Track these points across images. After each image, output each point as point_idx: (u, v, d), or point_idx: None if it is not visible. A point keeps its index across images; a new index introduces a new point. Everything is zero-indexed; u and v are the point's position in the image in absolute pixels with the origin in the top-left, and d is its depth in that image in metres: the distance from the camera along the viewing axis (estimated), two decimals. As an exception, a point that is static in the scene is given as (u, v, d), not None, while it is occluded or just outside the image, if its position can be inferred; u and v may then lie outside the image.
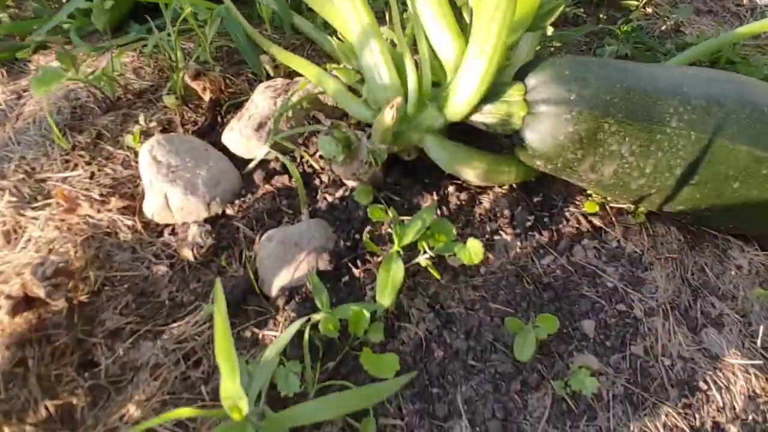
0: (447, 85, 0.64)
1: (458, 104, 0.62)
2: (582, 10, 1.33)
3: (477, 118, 0.64)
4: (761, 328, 0.70)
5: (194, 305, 0.63)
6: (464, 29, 0.68)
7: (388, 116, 0.59)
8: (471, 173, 0.67)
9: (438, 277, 0.64)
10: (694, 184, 0.65)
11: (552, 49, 1.10)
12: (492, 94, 0.63)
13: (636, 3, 1.32)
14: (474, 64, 0.59)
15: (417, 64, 0.68)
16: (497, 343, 0.61)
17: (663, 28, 1.36)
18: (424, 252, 0.62)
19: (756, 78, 1.09)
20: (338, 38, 0.72)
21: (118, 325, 0.60)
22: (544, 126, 0.62)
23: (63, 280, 0.60)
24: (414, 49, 0.71)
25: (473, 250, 0.60)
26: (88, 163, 0.78)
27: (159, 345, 0.59)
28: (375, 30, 0.65)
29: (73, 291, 0.61)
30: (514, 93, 0.63)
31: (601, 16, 1.33)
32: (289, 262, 0.62)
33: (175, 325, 0.61)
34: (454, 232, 0.63)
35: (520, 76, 0.66)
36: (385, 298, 0.58)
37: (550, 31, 1.03)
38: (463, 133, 0.74)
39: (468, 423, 0.55)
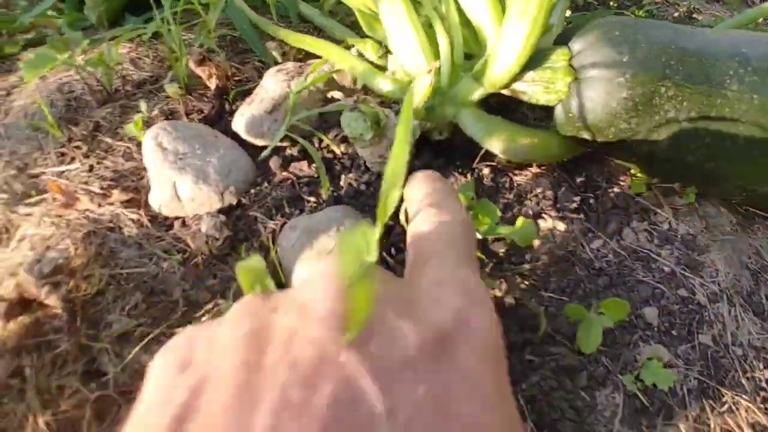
0: (484, 52, 0.58)
1: (499, 72, 0.56)
2: (594, -4, 1.29)
3: (518, 87, 0.58)
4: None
5: (212, 303, 0.56)
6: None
7: (426, 82, 0.53)
8: (512, 149, 0.61)
9: (483, 259, 0.58)
10: (756, 155, 0.59)
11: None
12: (533, 60, 0.58)
13: (650, -12, 1.28)
14: (516, 26, 0.53)
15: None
16: (557, 335, 0.54)
17: (675, 15, 1.31)
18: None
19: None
20: (362, 7, 0.65)
21: (127, 328, 0.53)
22: (595, 92, 0.56)
23: (63, 279, 0.53)
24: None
25: (526, 231, 0.54)
26: (86, 156, 0.71)
27: (173, 349, 0.52)
28: (402, -5, 0.59)
29: (74, 291, 0.54)
30: (559, 58, 0.57)
31: (611, 3, 1.29)
32: (316, 251, 0.55)
33: (190, 326, 0.54)
34: (498, 213, 0.56)
35: (562, 41, 0.60)
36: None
37: (567, 13, 0.99)
38: (493, 110, 0.68)
39: (533, 426, 0.48)
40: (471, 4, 0.59)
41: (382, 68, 0.67)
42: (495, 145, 0.61)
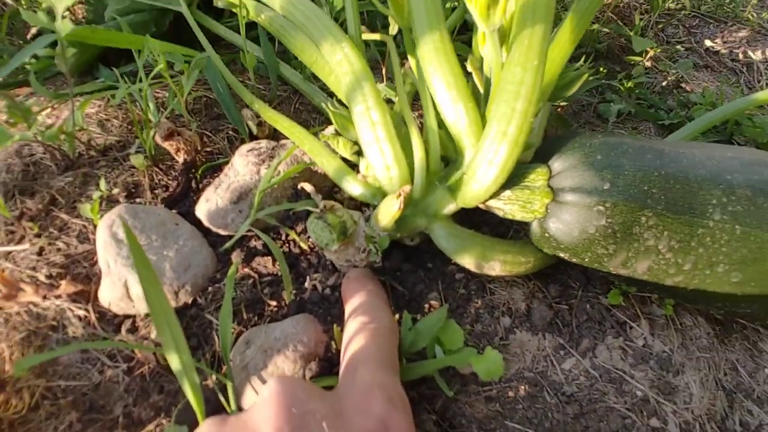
0: (460, 168, 0.56)
1: (475, 191, 0.54)
2: (582, 62, 1.28)
3: (493, 204, 0.56)
4: (806, 442, 0.62)
5: (155, 423, 0.52)
6: (476, 98, 0.60)
7: (394, 207, 0.50)
8: (485, 266, 0.58)
9: (446, 389, 0.54)
10: (737, 282, 0.57)
11: (558, 109, 1.04)
12: (512, 177, 0.55)
13: (639, 59, 1.27)
14: (495, 148, 0.50)
15: (423, 134, 0.59)
16: (520, 477, 0.51)
17: (663, 83, 1.31)
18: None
19: (764, 139, 1.04)
20: (331, 106, 0.62)
21: (56, 456, 0.49)
22: (572, 217, 0.53)
23: (-10, 398, 0.49)
24: (414, 110, 0.63)
25: (492, 363, 0.51)
26: (38, 236, 0.67)
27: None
28: (376, 98, 0.57)
29: (2, 408, 0.50)
30: (537, 177, 0.55)
31: (601, 69, 1.28)
32: (270, 373, 0.52)
33: (129, 450, 0.50)
34: (462, 338, 0.54)
35: (543, 156, 0.57)
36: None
37: (570, 93, 0.97)
38: (467, 210, 0.65)
39: None
40: (449, 112, 0.56)
41: (356, 164, 0.64)
42: (467, 261, 0.58)
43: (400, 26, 0.66)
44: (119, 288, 0.58)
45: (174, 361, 0.42)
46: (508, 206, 0.56)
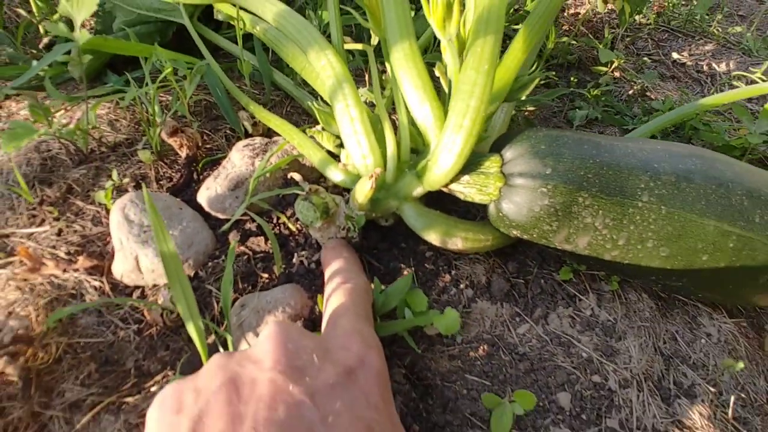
0: (426, 156, 0.65)
1: (437, 176, 0.63)
2: (554, 72, 1.39)
3: (455, 187, 0.65)
4: (732, 398, 0.71)
5: (162, 374, 0.61)
6: (443, 97, 0.70)
7: (367, 186, 0.59)
8: (449, 242, 0.67)
9: (414, 347, 0.63)
10: (665, 256, 0.66)
11: (525, 112, 1.13)
12: (470, 164, 0.64)
13: (605, 69, 1.38)
14: (453, 138, 0.60)
15: (396, 130, 0.69)
16: (474, 417, 0.60)
17: (630, 92, 1.41)
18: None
19: (719, 142, 1.14)
20: (317, 104, 0.72)
21: (79, 397, 0.57)
22: (521, 198, 0.63)
23: (21, 348, 0.57)
24: (394, 111, 0.72)
25: (451, 320, 0.60)
26: (57, 219, 0.75)
27: (122, 419, 0.56)
28: (355, 98, 0.66)
29: (31, 360, 0.58)
30: (492, 165, 0.64)
31: (572, 79, 1.38)
32: (261, 330, 0.60)
33: (140, 396, 0.58)
34: (426, 303, 0.63)
35: (497, 147, 0.67)
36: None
37: (523, 95, 1.07)
38: (439, 198, 0.74)
39: (444, 506, 0.53)
40: (418, 110, 0.66)
41: (338, 155, 0.74)
42: (433, 237, 0.67)
43: (378, 37, 0.75)
44: (131, 261, 0.67)
45: (182, 307, 0.50)
46: (467, 189, 0.65)
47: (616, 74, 1.48)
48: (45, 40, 1.18)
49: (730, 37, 1.83)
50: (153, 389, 0.60)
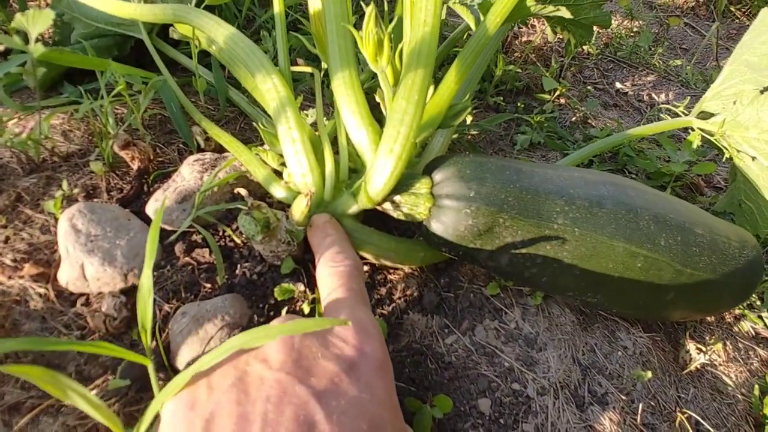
0: (361, 177, 0.70)
1: (370, 195, 0.68)
2: (502, 98, 1.46)
3: (387, 206, 0.70)
4: (640, 406, 0.78)
5: (102, 378, 0.64)
6: (381, 122, 0.75)
7: (303, 204, 0.64)
8: (382, 257, 0.72)
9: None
10: (579, 274, 0.73)
11: (469, 137, 1.20)
12: (402, 185, 0.70)
13: (548, 97, 1.46)
14: (384, 161, 0.65)
15: (336, 151, 0.74)
16: (397, 421, 0.64)
17: (573, 119, 1.50)
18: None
19: (651, 168, 1.23)
20: (262, 125, 0.76)
21: (19, 400, 0.60)
22: (447, 218, 0.68)
23: (-37, 352, 0.59)
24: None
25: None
26: (4, 227, 0.77)
27: (60, 420, 0.59)
28: (297, 120, 0.70)
29: (-28, 362, 0.60)
30: (422, 186, 0.69)
31: (519, 104, 1.46)
32: (200, 338, 0.64)
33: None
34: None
35: (429, 170, 0.72)
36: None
37: (468, 119, 1.13)
38: (378, 216, 0.79)
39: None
40: (355, 134, 0.71)
41: (281, 173, 0.78)
42: (367, 252, 0.72)
43: (325, 63, 0.80)
44: (77, 269, 0.70)
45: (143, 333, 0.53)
46: (399, 209, 0.70)
47: (562, 101, 1.57)
48: (0, 47, 1.19)
49: (671, 69, 1.96)
50: (93, 392, 0.62)
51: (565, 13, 0.88)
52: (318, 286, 0.63)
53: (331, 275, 0.60)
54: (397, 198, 0.69)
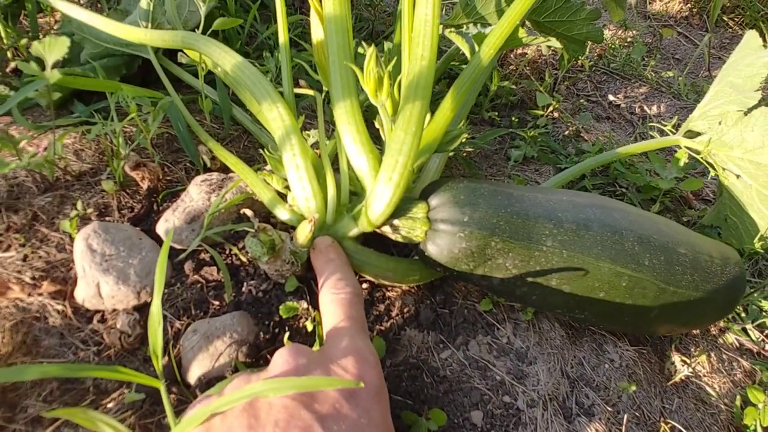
0: (361, 202, 0.74)
1: (370, 220, 0.72)
2: (497, 113, 1.51)
3: (386, 230, 0.74)
4: (625, 416, 0.82)
5: (118, 392, 0.68)
6: (381, 144, 0.79)
7: (307, 229, 0.68)
8: (380, 276, 0.76)
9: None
10: (568, 293, 0.77)
11: (464, 153, 1.24)
12: (400, 209, 0.74)
13: (542, 112, 1.50)
14: (383, 189, 0.69)
15: (338, 176, 0.78)
16: (395, 433, 0.69)
17: (566, 132, 1.54)
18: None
19: (641, 182, 1.27)
20: (268, 152, 0.80)
21: (40, 413, 0.64)
22: (442, 241, 0.72)
23: (-11, 368, 0.63)
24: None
25: (377, 348, 0.68)
26: (22, 245, 0.81)
27: (80, 432, 0.63)
28: (301, 148, 0.75)
29: (-3, 378, 0.64)
30: (419, 210, 0.74)
31: (513, 119, 1.51)
32: (211, 354, 0.68)
33: (97, 412, 0.65)
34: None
35: (426, 194, 0.77)
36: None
37: (452, 147, 1.18)
38: (377, 236, 0.83)
39: None
40: (355, 160, 0.75)
41: (286, 195, 0.82)
42: (366, 272, 0.76)
43: (327, 89, 0.84)
44: (92, 288, 0.74)
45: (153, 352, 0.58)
46: (397, 232, 0.74)
47: (555, 115, 1.61)
48: (12, 64, 1.23)
49: (663, 81, 2.00)
50: (110, 405, 0.66)
51: (555, 43, 0.92)
52: (320, 309, 0.67)
53: (333, 302, 0.64)
54: (395, 222, 0.74)
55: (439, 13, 0.72)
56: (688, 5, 2.65)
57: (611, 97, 1.83)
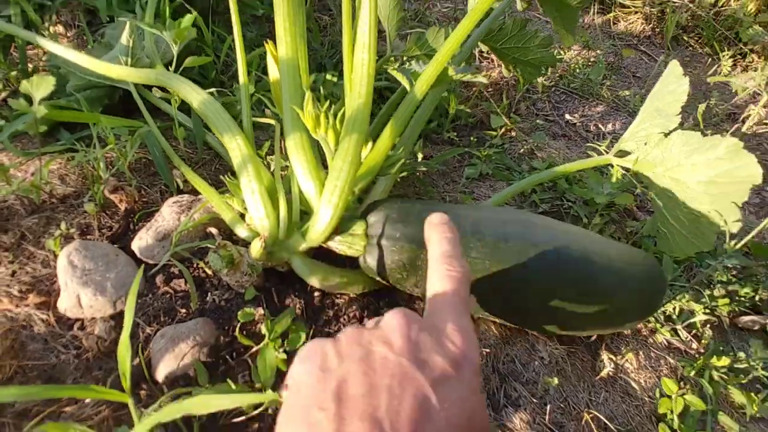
0: (308, 221, 0.85)
1: (315, 236, 0.83)
2: (456, 133, 1.62)
3: (331, 244, 0.85)
4: (548, 406, 0.93)
5: (94, 389, 0.78)
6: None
7: (258, 245, 0.79)
8: (327, 285, 0.87)
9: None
10: (492, 299, 0.88)
11: (418, 174, 1.35)
12: (343, 227, 0.85)
13: (495, 133, 1.62)
14: (325, 209, 0.80)
15: (290, 197, 0.89)
16: None
17: (521, 150, 1.66)
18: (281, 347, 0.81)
19: (588, 196, 1.38)
20: (228, 178, 0.91)
21: (26, 407, 0.74)
22: (378, 254, 0.83)
23: (-19, 369, 0.73)
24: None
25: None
26: (11, 262, 0.92)
27: (60, 423, 0.73)
28: (256, 174, 0.86)
29: (-12, 378, 0.74)
30: (358, 228, 0.85)
31: (472, 138, 1.62)
32: (176, 354, 0.79)
33: (76, 407, 0.75)
34: (303, 335, 0.82)
35: (365, 213, 0.88)
36: (267, 379, 0.77)
37: (420, 157, 1.29)
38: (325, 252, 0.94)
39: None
40: (304, 185, 0.86)
41: (245, 215, 0.93)
42: (315, 281, 0.87)
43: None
44: (73, 299, 0.84)
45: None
46: (340, 246, 0.85)
47: (513, 134, 1.73)
48: (2, 94, 1.34)
49: (620, 99, 2.13)
50: (87, 401, 0.77)
51: (482, 79, 1.04)
52: (428, 282, 0.67)
53: (445, 277, 0.64)
54: (338, 238, 0.85)
55: (375, 57, 0.84)
56: (650, 25, 2.79)
57: (568, 116, 1.95)
